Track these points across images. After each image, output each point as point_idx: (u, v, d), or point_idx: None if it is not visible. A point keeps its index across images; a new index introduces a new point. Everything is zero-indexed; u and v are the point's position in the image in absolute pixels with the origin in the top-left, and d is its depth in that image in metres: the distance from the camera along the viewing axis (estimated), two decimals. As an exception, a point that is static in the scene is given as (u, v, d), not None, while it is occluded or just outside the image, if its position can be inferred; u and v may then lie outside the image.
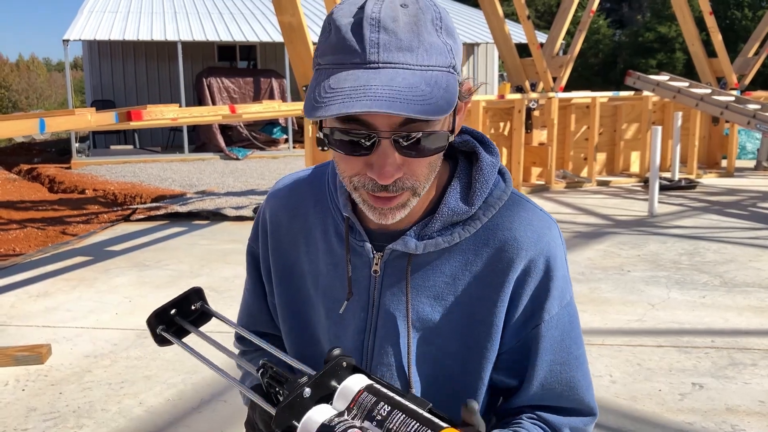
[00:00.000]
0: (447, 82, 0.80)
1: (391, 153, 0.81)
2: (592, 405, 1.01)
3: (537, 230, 0.96)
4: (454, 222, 0.94)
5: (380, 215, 0.87)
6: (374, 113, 0.76)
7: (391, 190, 0.84)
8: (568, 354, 0.98)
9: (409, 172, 0.84)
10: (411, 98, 0.75)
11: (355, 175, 0.85)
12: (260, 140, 14.40)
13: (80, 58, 25.56)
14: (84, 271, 5.42)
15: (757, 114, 7.99)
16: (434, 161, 0.87)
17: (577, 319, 1.00)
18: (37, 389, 3.26)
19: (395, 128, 0.80)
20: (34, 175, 12.13)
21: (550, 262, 0.95)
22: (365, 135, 0.81)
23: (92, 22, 14.81)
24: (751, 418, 2.84)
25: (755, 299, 4.38)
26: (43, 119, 3.68)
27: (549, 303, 0.95)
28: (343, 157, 0.85)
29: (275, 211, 1.08)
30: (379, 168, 0.81)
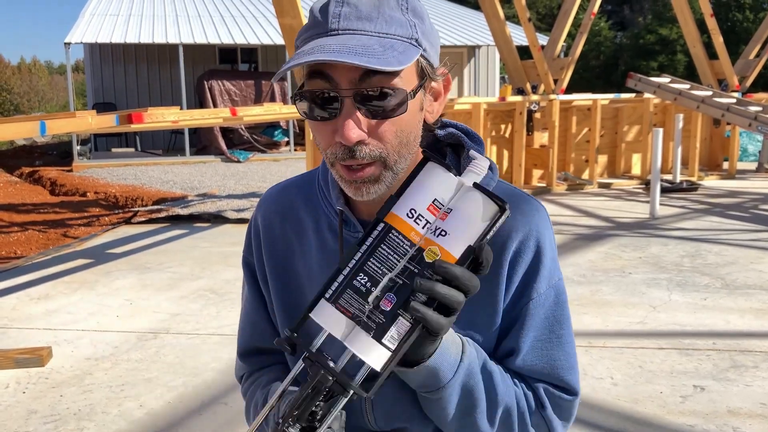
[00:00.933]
0: (404, 48, 0.84)
1: (353, 112, 0.84)
2: (573, 384, 1.01)
3: (526, 213, 0.98)
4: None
5: (355, 189, 0.89)
6: (320, 62, 0.80)
7: (358, 156, 0.85)
8: (550, 333, 0.99)
9: (374, 137, 0.86)
10: (361, 52, 0.80)
11: (328, 147, 0.88)
12: (261, 143, 14.41)
13: (82, 61, 25.63)
14: (85, 273, 5.43)
15: (759, 116, 7.98)
16: (402, 130, 0.88)
17: (564, 300, 1.01)
18: (38, 392, 3.26)
19: (355, 84, 0.83)
20: (36, 177, 12.15)
21: (540, 243, 0.98)
22: (326, 92, 0.84)
23: (94, 25, 14.84)
24: (753, 420, 2.83)
25: (757, 301, 4.37)
26: (44, 122, 3.68)
27: (538, 282, 0.98)
28: (316, 127, 0.89)
29: (267, 215, 1.09)
30: (343, 128, 0.84)
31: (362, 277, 0.78)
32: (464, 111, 8.30)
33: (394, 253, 0.78)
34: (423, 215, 0.79)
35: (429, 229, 0.78)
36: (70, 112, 6.74)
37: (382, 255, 0.79)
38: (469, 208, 0.78)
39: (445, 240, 0.78)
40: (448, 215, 0.78)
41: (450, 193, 0.79)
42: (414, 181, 0.80)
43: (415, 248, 0.78)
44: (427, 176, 0.79)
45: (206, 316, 4.25)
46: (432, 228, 0.78)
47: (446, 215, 0.78)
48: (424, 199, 0.79)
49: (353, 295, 0.78)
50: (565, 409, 1.01)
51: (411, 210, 0.78)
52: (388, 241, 0.79)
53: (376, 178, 0.88)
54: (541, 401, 0.99)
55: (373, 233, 0.79)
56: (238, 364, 1.18)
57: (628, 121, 9.99)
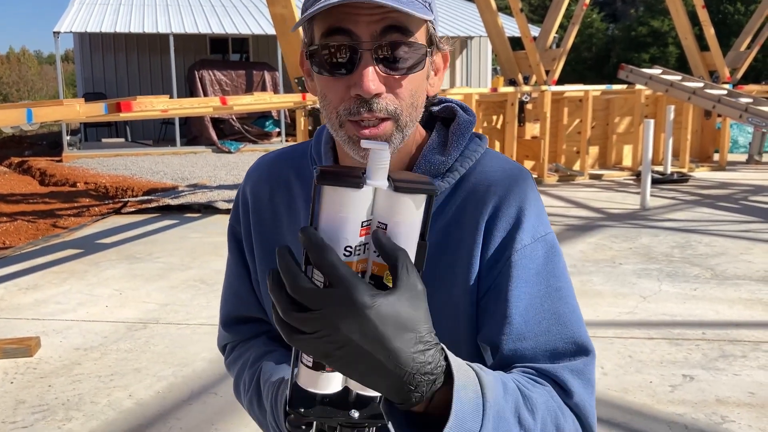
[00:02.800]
0: (423, 5, 0.84)
1: (373, 65, 0.83)
2: (585, 341, 0.92)
3: (507, 172, 0.96)
4: (432, 174, 0.96)
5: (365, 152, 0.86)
6: (353, 2, 0.79)
7: (376, 109, 0.84)
8: (547, 287, 0.92)
9: (391, 92, 0.85)
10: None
11: (340, 103, 0.86)
12: (252, 133, 14.35)
13: (72, 51, 25.43)
14: (74, 263, 5.40)
15: (749, 108, 8.01)
16: (414, 90, 0.88)
17: (557, 256, 0.95)
18: (26, 382, 3.24)
19: (375, 38, 0.82)
20: (25, 168, 12.06)
21: (522, 198, 0.94)
22: (347, 46, 0.83)
23: (83, 13, 14.72)
24: (741, 409, 2.84)
25: (746, 291, 4.39)
26: (31, 109, 3.65)
27: (521, 234, 0.92)
28: (328, 84, 0.87)
29: (255, 185, 1.07)
30: (362, 80, 0.82)
31: None
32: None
33: None
34: (359, 245, 0.71)
35: (374, 252, 0.71)
36: (58, 100, 6.70)
37: None
38: (401, 213, 0.71)
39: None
40: (385, 232, 0.71)
41: (369, 204, 0.71)
42: (325, 214, 0.70)
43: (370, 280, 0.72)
44: (337, 203, 0.69)
45: (196, 306, 4.24)
46: (377, 252, 0.71)
47: (384, 232, 0.71)
48: (351, 229, 0.70)
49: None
50: (587, 377, 0.91)
51: (346, 248, 0.70)
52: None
53: (388, 137, 0.87)
54: (564, 388, 0.88)
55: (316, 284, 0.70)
56: (222, 333, 1.16)
57: (620, 112, 10.00)
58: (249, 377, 1.06)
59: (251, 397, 1.05)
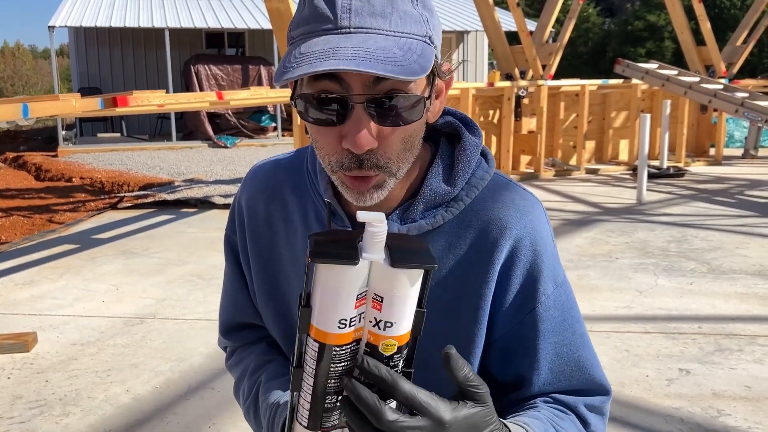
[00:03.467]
0: (422, 50, 0.77)
1: (365, 119, 0.78)
2: (604, 383, 0.97)
3: (520, 209, 0.93)
4: (436, 204, 0.92)
5: (358, 196, 0.84)
6: (343, 71, 0.73)
7: (366, 166, 0.81)
8: (572, 334, 0.94)
9: (383, 146, 0.81)
10: (382, 58, 0.73)
11: (333, 153, 0.82)
12: (249, 128, 14.32)
13: (67, 45, 25.32)
14: (70, 259, 5.38)
15: (745, 102, 8.02)
16: (409, 136, 0.83)
17: (574, 297, 0.97)
18: (23, 377, 3.24)
19: (368, 91, 0.77)
20: (21, 163, 12.02)
21: (537, 241, 0.92)
22: (337, 98, 0.78)
23: (78, 8, 14.66)
24: (737, 403, 2.86)
25: (742, 286, 4.40)
26: (26, 104, 3.62)
27: (543, 284, 0.92)
28: (319, 132, 0.82)
29: (252, 196, 1.05)
30: (353, 135, 0.78)
31: (331, 397, 0.74)
32: (453, 96, 8.28)
33: (348, 362, 0.73)
34: (354, 317, 0.71)
35: (370, 323, 0.72)
36: (54, 94, 6.67)
37: (335, 371, 0.72)
38: (397, 288, 0.70)
39: (394, 328, 0.71)
40: (381, 304, 0.70)
41: (365, 278, 0.70)
42: (321, 287, 0.70)
43: (366, 347, 0.73)
44: (332, 278, 0.69)
45: (193, 302, 4.23)
46: (373, 322, 0.71)
47: (380, 305, 0.70)
48: (347, 303, 0.70)
49: (333, 413, 0.75)
50: (602, 413, 0.97)
51: (341, 321, 0.70)
52: (334, 358, 0.72)
53: (379, 185, 0.84)
54: (583, 419, 0.94)
55: (309, 352, 0.73)
56: (221, 339, 1.17)
57: (616, 107, 10.00)
58: (248, 387, 1.06)
59: (249, 407, 1.06)
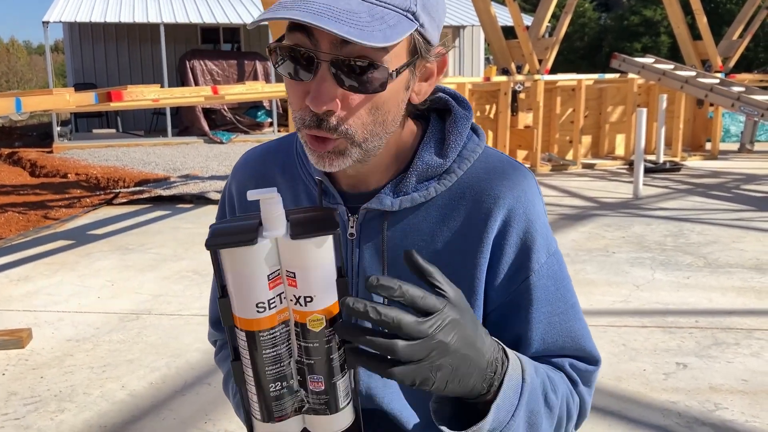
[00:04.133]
0: (397, 22, 0.77)
1: (328, 78, 0.78)
2: (594, 353, 0.98)
3: (512, 179, 0.93)
4: (429, 176, 0.92)
5: (318, 159, 0.84)
6: (297, 21, 0.74)
7: (324, 127, 0.80)
8: (565, 304, 0.95)
9: (345, 109, 0.80)
10: (345, 20, 0.73)
11: (298, 109, 0.82)
12: (244, 124, 14.29)
13: (61, 41, 25.23)
14: (66, 255, 5.36)
15: (741, 96, 8.02)
16: (377, 108, 0.82)
17: (566, 268, 0.97)
18: (18, 373, 3.22)
19: (336, 51, 0.77)
20: (15, 159, 11.97)
21: (530, 210, 0.92)
22: (304, 52, 0.79)
23: (73, 3, 14.59)
24: (734, 396, 2.85)
25: (738, 279, 4.41)
26: (20, 98, 3.60)
27: (536, 253, 0.92)
28: (289, 86, 0.83)
29: (241, 182, 1.05)
30: (314, 93, 0.78)
31: (274, 385, 0.72)
32: (449, 91, 8.26)
33: (281, 346, 0.71)
34: (272, 298, 0.69)
35: (291, 301, 0.70)
36: (47, 89, 6.63)
37: (270, 358, 0.71)
38: (307, 259, 0.68)
39: (316, 302, 0.69)
40: (295, 280, 0.69)
41: (274, 256, 0.69)
42: (230, 274, 0.69)
43: (295, 327, 0.71)
44: (237, 263, 0.68)
45: (189, 297, 4.22)
46: (293, 300, 0.70)
47: (294, 281, 0.69)
48: (259, 285, 0.68)
49: (283, 400, 0.73)
50: (591, 380, 0.97)
51: (258, 305, 0.68)
52: (264, 344, 0.70)
53: (340, 151, 0.83)
54: (571, 378, 0.95)
55: (240, 343, 0.71)
56: (210, 331, 1.17)
57: (612, 101, 10.00)
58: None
59: (238, 402, 1.05)
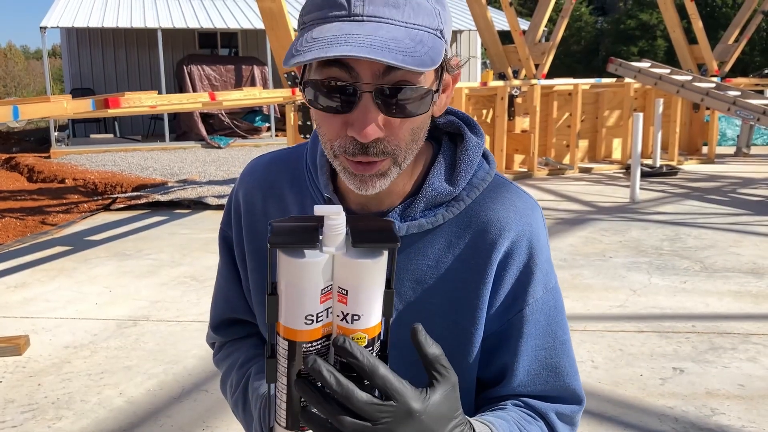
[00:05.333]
0: (433, 42, 0.78)
1: (373, 109, 0.78)
2: (579, 393, 0.98)
3: (520, 211, 0.93)
4: (437, 203, 0.92)
5: (360, 183, 0.84)
6: (353, 57, 0.73)
7: (371, 153, 0.80)
8: (553, 339, 0.95)
9: (390, 134, 0.81)
10: (394, 48, 0.73)
11: (336, 138, 0.81)
12: (242, 128, 14.30)
13: (59, 46, 25.22)
14: (63, 261, 5.36)
15: (737, 100, 8.04)
16: (417, 127, 0.83)
17: (562, 304, 0.98)
18: (15, 381, 3.22)
19: (377, 81, 0.77)
20: (13, 164, 11.96)
21: (533, 244, 0.93)
22: (346, 86, 0.78)
23: (70, 8, 14.60)
24: (731, 401, 2.86)
25: (735, 284, 4.42)
26: (17, 106, 3.61)
27: (533, 287, 0.92)
28: (324, 118, 0.82)
29: (249, 190, 1.05)
30: (360, 124, 0.78)
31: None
32: (446, 96, 8.28)
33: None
34: (321, 312, 0.70)
35: (337, 317, 0.71)
36: (45, 96, 6.63)
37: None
38: (362, 279, 0.69)
39: (362, 321, 0.71)
40: (346, 297, 0.70)
41: (329, 271, 0.70)
42: (284, 281, 0.70)
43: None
44: (295, 274, 0.69)
45: (186, 303, 4.22)
46: (341, 316, 0.71)
47: (345, 298, 0.70)
48: (311, 298, 0.69)
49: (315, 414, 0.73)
50: (573, 423, 0.97)
51: (307, 317, 0.70)
52: (307, 356, 0.71)
53: (383, 173, 0.83)
54: (552, 427, 0.95)
55: (280, 351, 0.72)
56: (211, 334, 1.16)
57: (609, 105, 10.02)
58: (236, 379, 1.05)
59: (237, 400, 1.04)
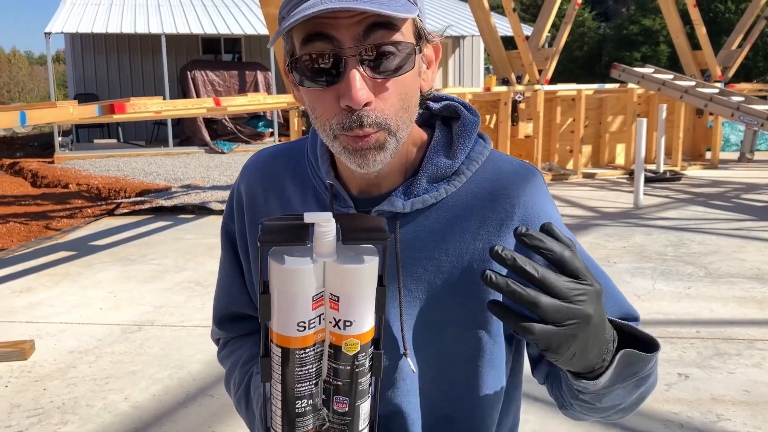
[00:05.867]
0: (405, 1, 0.82)
1: (359, 72, 0.81)
2: (634, 312, 1.00)
3: (523, 177, 0.96)
4: (438, 178, 0.94)
5: (362, 159, 0.85)
6: (329, 11, 0.76)
7: (366, 124, 0.82)
8: (599, 272, 0.95)
9: (380, 100, 0.83)
10: (368, 1, 0.77)
11: (332, 116, 0.84)
12: (245, 134, 14.33)
13: (63, 52, 25.31)
14: (68, 266, 5.37)
15: (741, 106, 8.04)
16: (405, 92, 0.85)
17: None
18: (21, 385, 3.23)
19: (359, 40, 0.80)
20: (17, 169, 12.00)
21: (547, 208, 0.96)
22: (329, 55, 0.80)
23: (75, 14, 14.66)
24: (736, 407, 2.86)
25: (739, 290, 4.41)
26: (24, 112, 3.62)
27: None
28: (316, 97, 0.84)
29: (250, 183, 1.06)
30: (349, 90, 0.80)
31: (300, 402, 0.74)
32: (449, 101, 8.29)
33: (312, 365, 0.73)
34: (313, 318, 0.71)
35: (330, 323, 0.72)
36: (51, 102, 6.65)
37: (300, 376, 0.73)
38: (353, 286, 0.70)
39: (354, 327, 0.71)
40: (338, 304, 0.70)
41: (320, 278, 0.70)
42: (276, 287, 0.70)
43: (329, 348, 0.73)
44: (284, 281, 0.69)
45: (191, 308, 4.23)
46: (333, 322, 0.71)
47: (336, 304, 0.70)
48: (303, 305, 0.70)
49: (306, 418, 0.75)
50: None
51: (299, 323, 0.70)
52: (298, 362, 0.72)
53: (381, 144, 0.85)
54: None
55: (274, 358, 0.73)
56: (215, 330, 1.17)
57: (612, 111, 10.03)
58: (240, 377, 1.06)
59: (240, 398, 1.05)
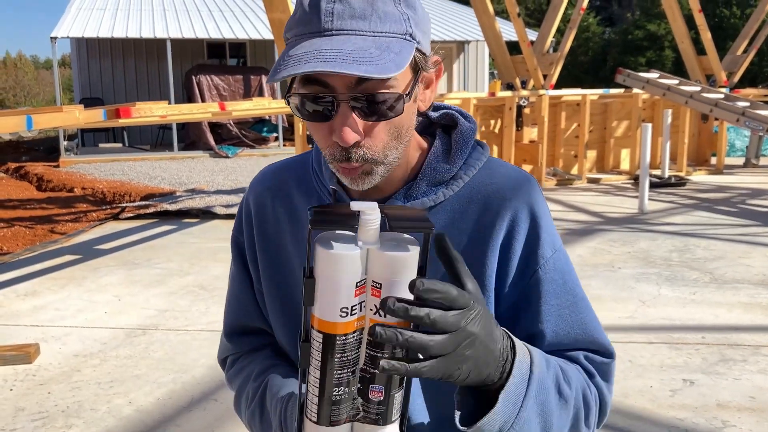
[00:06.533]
0: (400, 48, 0.83)
1: (350, 115, 0.84)
2: (608, 346, 1.00)
3: (517, 181, 0.99)
4: (437, 182, 0.97)
5: (351, 181, 0.91)
6: (320, 72, 0.79)
7: (353, 159, 0.87)
8: (573, 296, 0.98)
9: (369, 139, 0.87)
10: (358, 59, 0.79)
11: (326, 147, 0.89)
12: (250, 138, 14.35)
13: (68, 56, 25.40)
14: (73, 269, 5.38)
15: (746, 111, 8.02)
16: (395, 127, 0.88)
17: (571, 264, 1.01)
18: (26, 389, 3.23)
19: (351, 90, 0.83)
20: (22, 173, 12.03)
21: (535, 210, 0.97)
22: (323, 98, 0.85)
23: (81, 19, 14.71)
24: (742, 413, 2.84)
25: (745, 295, 4.40)
26: (30, 116, 3.64)
27: (542, 249, 0.96)
28: (313, 127, 0.89)
29: (258, 195, 1.09)
30: (339, 130, 0.84)
31: (338, 389, 0.75)
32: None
33: (351, 352, 0.74)
34: (355, 305, 0.72)
35: (370, 310, 0.73)
36: (57, 106, 6.68)
37: (339, 362, 0.74)
38: (395, 273, 0.71)
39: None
40: (380, 291, 0.72)
41: (364, 265, 0.72)
42: (321, 273, 0.72)
43: (368, 336, 0.74)
44: (330, 267, 0.71)
45: (195, 312, 4.23)
46: (374, 309, 0.73)
47: (378, 291, 0.72)
48: (347, 291, 0.71)
49: (341, 406, 0.76)
50: (608, 373, 0.99)
51: (342, 309, 0.72)
52: (338, 349, 0.73)
53: (368, 172, 0.89)
54: (587, 370, 0.97)
55: (314, 344, 0.74)
56: (224, 344, 1.17)
57: (617, 116, 10.02)
58: (253, 390, 1.06)
59: (254, 410, 1.05)
